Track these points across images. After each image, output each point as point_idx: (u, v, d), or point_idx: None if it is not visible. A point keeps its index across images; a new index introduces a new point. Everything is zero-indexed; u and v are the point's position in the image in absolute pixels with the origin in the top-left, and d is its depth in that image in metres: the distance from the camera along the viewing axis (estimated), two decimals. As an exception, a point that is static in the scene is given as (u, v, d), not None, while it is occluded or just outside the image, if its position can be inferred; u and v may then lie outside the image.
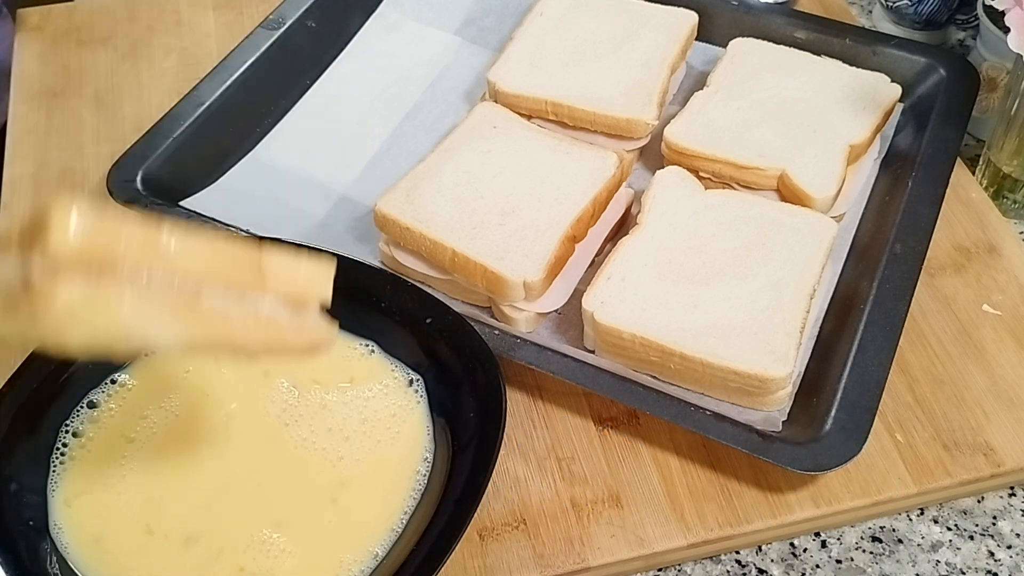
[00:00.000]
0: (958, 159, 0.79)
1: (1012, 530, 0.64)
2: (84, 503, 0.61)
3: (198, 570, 0.58)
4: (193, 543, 0.59)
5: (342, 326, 0.68)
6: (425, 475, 0.62)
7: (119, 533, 0.59)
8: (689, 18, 0.87)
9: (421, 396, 0.65)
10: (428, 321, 0.66)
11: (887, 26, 0.96)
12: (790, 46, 0.85)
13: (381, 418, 0.64)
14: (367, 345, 0.67)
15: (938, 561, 0.63)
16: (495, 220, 0.70)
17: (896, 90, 0.81)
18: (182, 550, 0.59)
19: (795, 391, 0.66)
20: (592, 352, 0.69)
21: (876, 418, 0.62)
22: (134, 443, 0.63)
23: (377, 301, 0.67)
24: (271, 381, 0.66)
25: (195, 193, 0.78)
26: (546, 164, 0.74)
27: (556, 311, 0.71)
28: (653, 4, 0.88)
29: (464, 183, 0.73)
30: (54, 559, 0.58)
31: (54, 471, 0.62)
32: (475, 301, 0.71)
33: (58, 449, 0.62)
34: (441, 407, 0.65)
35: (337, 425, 0.64)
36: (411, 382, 0.66)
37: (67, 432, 0.63)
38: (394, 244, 0.72)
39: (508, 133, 0.77)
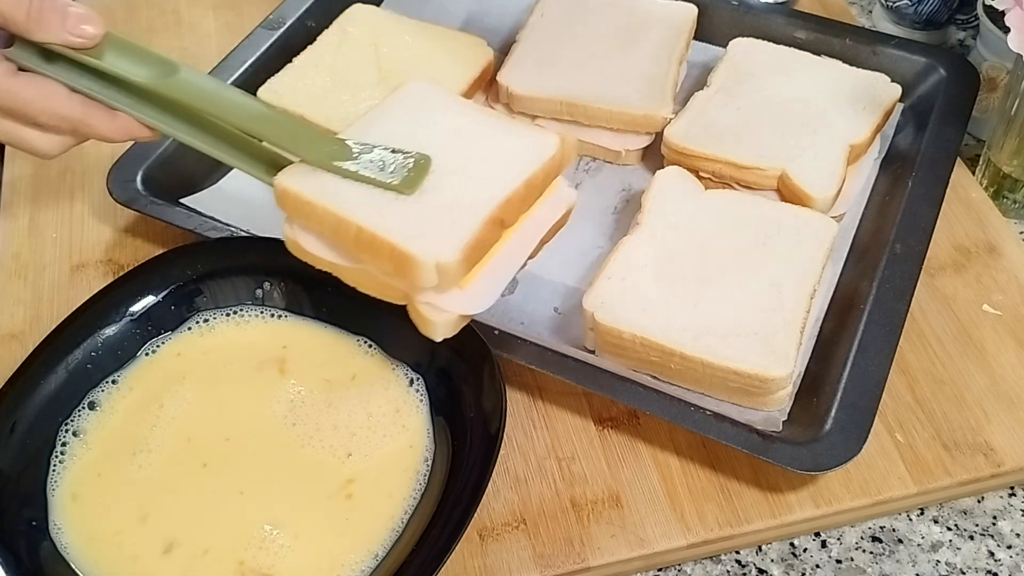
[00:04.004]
0: (958, 159, 0.79)
1: (1012, 530, 0.64)
2: (84, 503, 0.61)
3: (199, 567, 0.58)
4: (194, 541, 0.59)
5: (342, 325, 0.69)
6: (425, 475, 0.62)
7: (120, 532, 0.59)
8: (689, 11, 0.88)
9: (422, 396, 0.65)
10: (428, 321, 0.66)
11: (887, 26, 0.96)
12: (790, 46, 0.85)
13: (386, 412, 0.64)
14: (367, 343, 0.67)
15: (938, 561, 0.63)
16: (413, 197, 0.61)
17: (896, 90, 0.81)
18: (183, 548, 0.59)
19: (795, 391, 0.66)
20: (592, 352, 0.69)
21: (876, 418, 0.62)
22: (135, 443, 0.63)
23: (377, 300, 0.67)
24: (276, 380, 0.66)
25: (195, 193, 0.78)
26: (480, 140, 0.65)
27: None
28: (652, 0, 0.89)
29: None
30: (54, 559, 0.58)
31: (54, 471, 0.62)
32: (391, 297, 0.62)
33: (58, 449, 0.62)
34: (441, 407, 0.65)
35: (343, 422, 0.64)
36: (411, 381, 0.66)
37: (67, 432, 0.63)
38: (298, 224, 0.63)
39: (441, 106, 0.68)
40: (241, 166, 0.62)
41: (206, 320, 0.69)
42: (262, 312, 0.70)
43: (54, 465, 0.62)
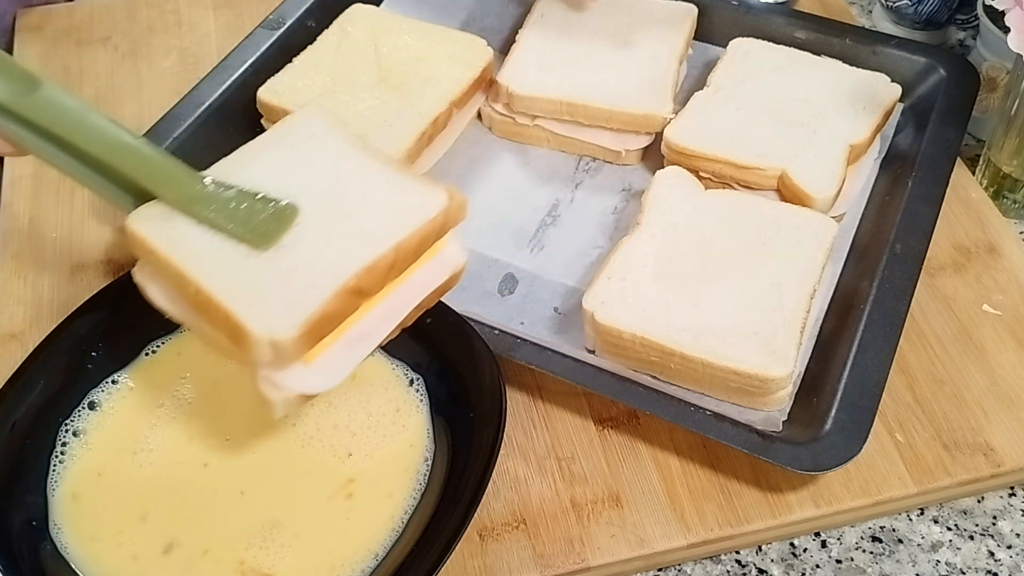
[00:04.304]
0: (958, 159, 0.79)
1: (1012, 530, 0.64)
2: (84, 503, 0.61)
3: (199, 567, 0.58)
4: (194, 541, 0.59)
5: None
6: (425, 475, 0.62)
7: (120, 532, 0.59)
8: (689, 11, 0.88)
9: (422, 396, 0.65)
10: (428, 321, 0.66)
11: (887, 26, 0.96)
12: (790, 46, 0.85)
13: (386, 412, 0.64)
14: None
15: (938, 561, 0.63)
16: (267, 254, 0.55)
17: (896, 90, 0.81)
18: (183, 548, 0.59)
19: (795, 391, 0.66)
20: (592, 352, 0.69)
21: (876, 418, 0.62)
22: (135, 443, 0.63)
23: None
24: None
25: (195, 193, 0.78)
26: (359, 191, 0.59)
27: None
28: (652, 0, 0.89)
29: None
30: (54, 559, 0.58)
31: (54, 470, 0.62)
32: (240, 361, 0.54)
33: (58, 448, 0.62)
34: (441, 407, 0.65)
35: (343, 422, 0.64)
36: (411, 381, 0.66)
37: (67, 431, 0.63)
38: (149, 270, 0.58)
39: (328, 145, 0.61)
40: (107, 196, 0.59)
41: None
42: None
43: (54, 465, 0.62)
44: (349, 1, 0.89)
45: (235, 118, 0.82)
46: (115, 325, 0.66)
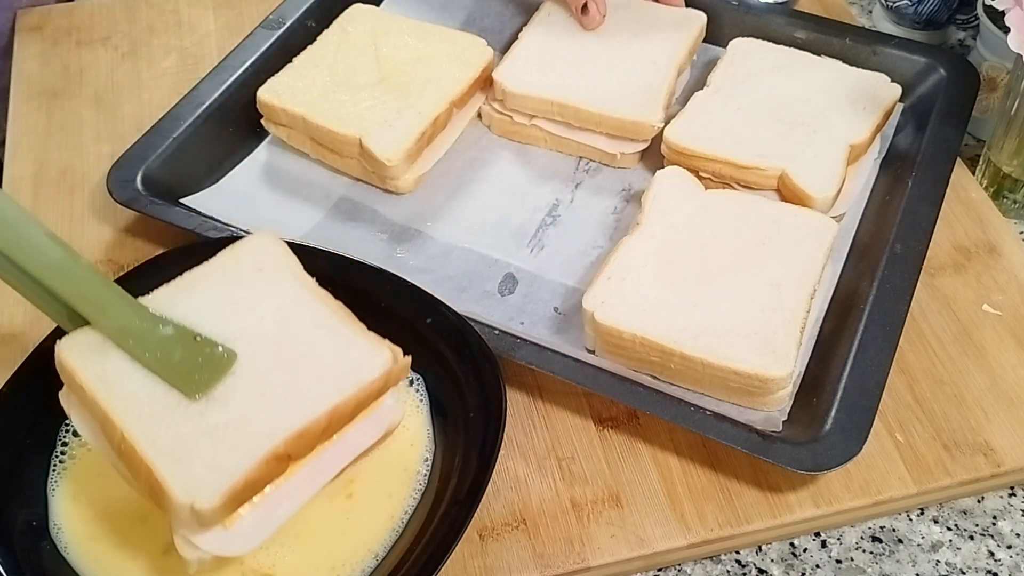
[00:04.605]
0: (958, 159, 0.79)
1: (1012, 530, 0.64)
2: (84, 503, 0.61)
3: (198, 569, 0.58)
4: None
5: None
6: (425, 475, 0.62)
7: (120, 532, 0.59)
8: (697, 19, 0.87)
9: (422, 396, 0.65)
10: (428, 321, 0.66)
11: (887, 26, 0.96)
12: (790, 46, 0.85)
13: None
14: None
15: (938, 561, 0.63)
16: (198, 404, 0.53)
17: (896, 90, 0.81)
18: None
19: (795, 391, 0.66)
20: (592, 352, 0.69)
21: (876, 418, 0.62)
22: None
23: (377, 301, 0.67)
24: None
25: (195, 193, 0.78)
26: (300, 339, 0.57)
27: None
28: (661, 5, 0.88)
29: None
30: (54, 558, 0.58)
31: (54, 471, 0.62)
32: (159, 508, 0.52)
33: (58, 449, 0.62)
34: (441, 407, 0.65)
35: None
36: (411, 381, 0.66)
37: (67, 432, 0.63)
38: (76, 399, 0.56)
39: (272, 283, 0.59)
40: (50, 313, 0.56)
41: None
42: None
43: (54, 465, 0.62)
44: (349, 1, 0.89)
45: (235, 118, 0.82)
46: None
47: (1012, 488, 0.66)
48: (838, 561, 0.63)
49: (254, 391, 0.54)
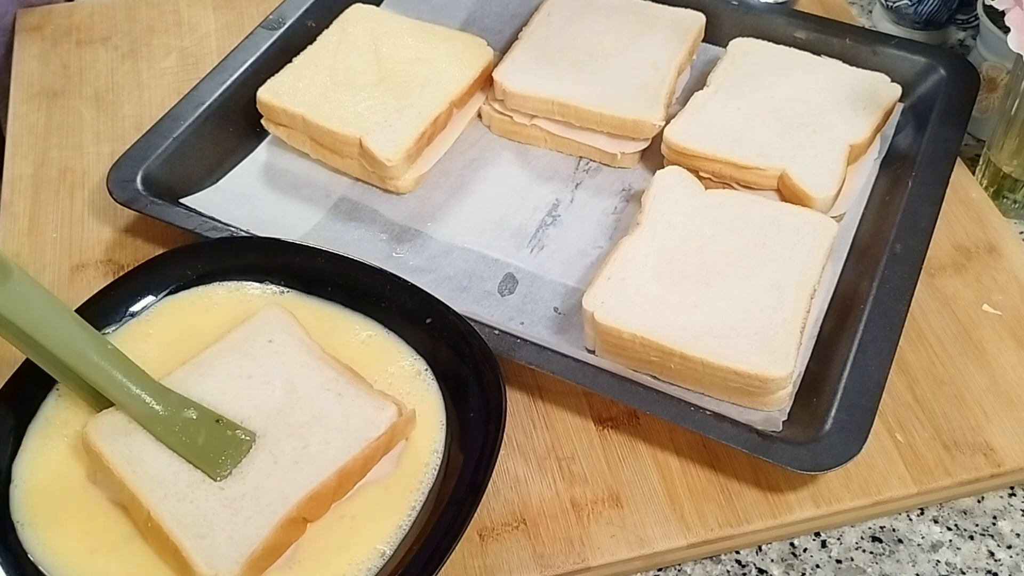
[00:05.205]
0: (958, 159, 0.79)
1: (1012, 530, 0.64)
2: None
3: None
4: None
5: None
6: (435, 468, 0.61)
7: (119, 532, 0.59)
8: (697, 19, 0.87)
9: (429, 384, 0.65)
10: (428, 321, 0.66)
11: (887, 26, 0.96)
12: (790, 46, 0.85)
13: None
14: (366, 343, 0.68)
15: (938, 561, 0.63)
16: (217, 482, 0.58)
17: (896, 90, 0.81)
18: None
19: (795, 391, 0.66)
20: (592, 352, 0.69)
21: (876, 418, 0.62)
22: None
23: (377, 301, 0.67)
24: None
25: (195, 193, 0.78)
26: (306, 407, 0.61)
27: None
28: (661, 5, 0.88)
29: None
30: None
31: (54, 471, 0.62)
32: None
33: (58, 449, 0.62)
34: (441, 407, 0.65)
35: None
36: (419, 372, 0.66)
37: (67, 432, 0.63)
38: (99, 477, 0.59)
39: (281, 355, 0.63)
40: (79, 393, 0.60)
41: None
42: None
43: (54, 465, 0.62)
44: (349, 1, 0.89)
45: (235, 118, 0.82)
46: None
47: (1012, 488, 0.66)
48: (838, 561, 0.63)
49: (267, 462, 0.58)
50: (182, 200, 0.77)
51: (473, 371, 0.63)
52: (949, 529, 0.64)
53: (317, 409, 0.61)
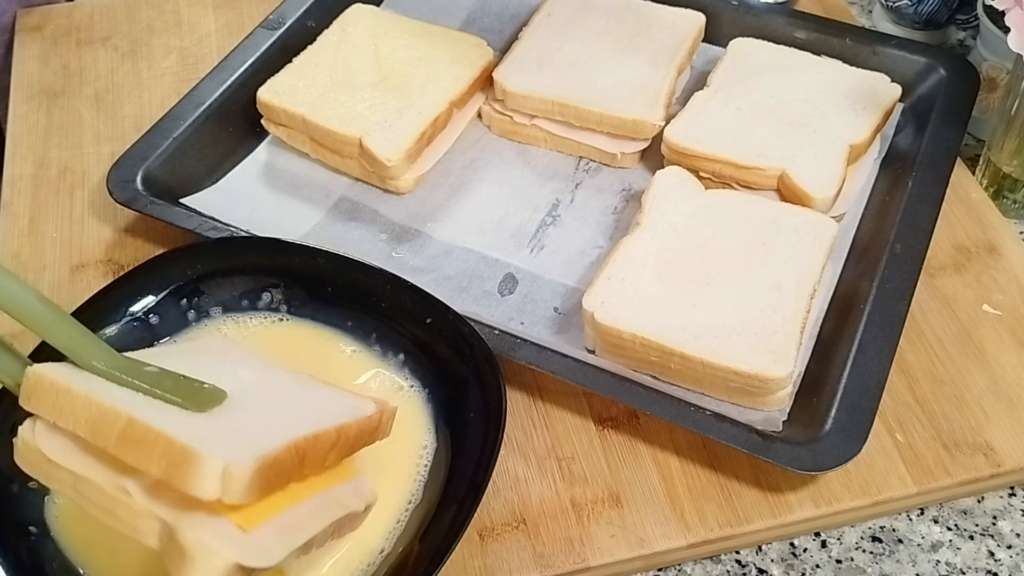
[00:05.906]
0: (958, 159, 0.79)
1: (1012, 530, 0.64)
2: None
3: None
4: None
5: (339, 326, 0.68)
6: (425, 475, 0.62)
7: (119, 532, 0.59)
8: (696, 19, 0.87)
9: (418, 390, 0.65)
10: (428, 321, 0.66)
11: (887, 26, 0.96)
12: (790, 46, 0.85)
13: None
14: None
15: (938, 561, 0.63)
16: (202, 415, 0.50)
17: (896, 90, 0.81)
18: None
19: (795, 391, 0.66)
20: (592, 352, 0.69)
21: (876, 418, 0.62)
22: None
23: (377, 301, 0.67)
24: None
25: (195, 193, 0.78)
26: (283, 393, 0.56)
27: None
28: (660, 5, 0.88)
29: None
30: (54, 559, 0.58)
31: (54, 471, 0.61)
32: (144, 535, 0.47)
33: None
34: (441, 407, 0.65)
35: None
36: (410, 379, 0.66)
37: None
38: (43, 424, 0.50)
39: (243, 357, 0.59)
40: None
41: (206, 321, 0.69)
42: (264, 316, 0.69)
43: (54, 465, 0.61)
44: (349, 1, 0.89)
45: (235, 118, 0.82)
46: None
47: (1012, 488, 0.66)
48: (838, 561, 0.63)
49: (256, 411, 0.52)
50: (182, 200, 0.77)
51: (473, 371, 0.63)
52: (949, 529, 0.64)
53: (296, 394, 0.56)
